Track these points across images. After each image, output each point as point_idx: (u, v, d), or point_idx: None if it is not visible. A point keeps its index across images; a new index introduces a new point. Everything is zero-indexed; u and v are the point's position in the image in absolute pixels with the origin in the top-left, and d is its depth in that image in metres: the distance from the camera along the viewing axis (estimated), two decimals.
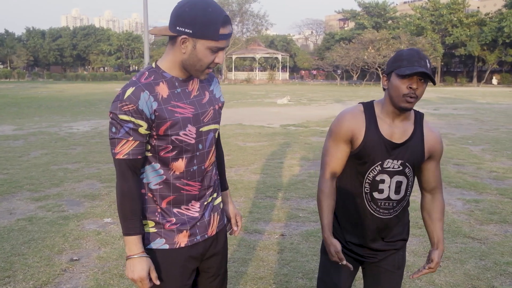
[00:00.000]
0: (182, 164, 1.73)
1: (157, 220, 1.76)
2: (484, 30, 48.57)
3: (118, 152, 1.64)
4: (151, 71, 1.70)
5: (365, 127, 1.91)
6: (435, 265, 2.02)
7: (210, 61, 1.65)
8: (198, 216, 1.81)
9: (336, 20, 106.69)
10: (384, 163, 1.90)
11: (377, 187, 1.93)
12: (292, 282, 3.48)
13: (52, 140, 10.25)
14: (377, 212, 1.96)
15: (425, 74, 1.78)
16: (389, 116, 1.91)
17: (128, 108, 1.60)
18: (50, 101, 22.48)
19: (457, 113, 17.53)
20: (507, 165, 7.80)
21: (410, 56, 1.80)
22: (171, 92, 1.69)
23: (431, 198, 2.08)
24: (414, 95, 1.81)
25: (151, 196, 1.75)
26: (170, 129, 1.66)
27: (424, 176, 2.04)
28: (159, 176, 1.74)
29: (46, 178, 6.65)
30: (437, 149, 1.99)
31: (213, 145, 1.83)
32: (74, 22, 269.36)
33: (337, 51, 50.06)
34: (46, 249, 4.06)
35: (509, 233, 4.56)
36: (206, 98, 1.80)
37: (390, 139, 1.90)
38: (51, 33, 73.94)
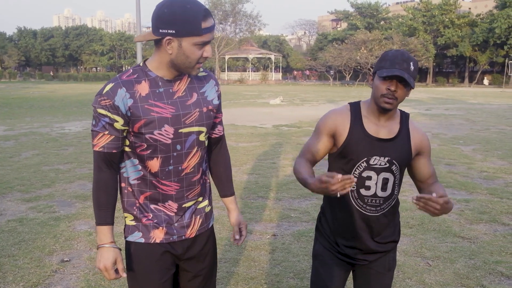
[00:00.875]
0: (156, 163, 1.74)
1: (135, 214, 1.80)
2: (475, 31, 48.91)
3: (95, 144, 1.70)
4: (137, 69, 1.72)
5: (349, 124, 1.94)
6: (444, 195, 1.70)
7: (198, 56, 1.65)
8: (173, 215, 1.81)
9: (329, 21, 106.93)
10: (370, 160, 1.91)
11: (363, 184, 1.93)
12: (283, 282, 3.49)
13: (44, 140, 10.19)
14: (364, 209, 1.96)
15: (400, 78, 1.78)
16: (375, 114, 1.94)
17: (105, 103, 1.64)
18: (41, 101, 22.35)
19: (448, 113, 17.64)
20: (498, 165, 7.86)
21: (393, 58, 1.81)
22: (152, 91, 1.69)
23: (428, 185, 2.03)
24: (392, 97, 1.82)
25: (130, 190, 1.79)
26: (144, 128, 1.67)
27: (419, 173, 2.05)
28: (137, 171, 1.77)
29: (37, 178, 6.61)
30: (424, 146, 2.02)
31: (195, 147, 1.80)
32: (66, 22, 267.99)
33: (330, 51, 50.19)
34: (37, 250, 4.04)
35: (498, 232, 4.60)
36: (192, 99, 1.78)
37: (375, 135, 1.92)
38: (43, 33, 73.47)
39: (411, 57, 1.83)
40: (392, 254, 2.11)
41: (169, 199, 1.79)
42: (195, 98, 1.79)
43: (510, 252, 4.07)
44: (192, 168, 1.81)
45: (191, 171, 1.80)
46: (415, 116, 16.13)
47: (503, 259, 3.92)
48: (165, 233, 1.81)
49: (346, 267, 2.08)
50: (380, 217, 1.99)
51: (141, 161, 1.75)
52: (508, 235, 4.49)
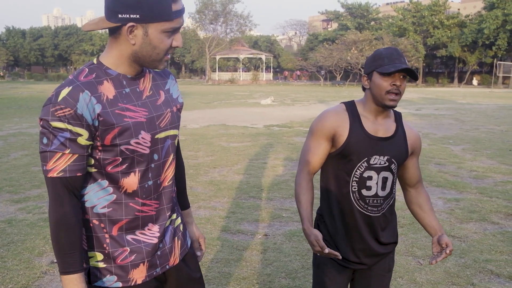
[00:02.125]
0: (135, 179, 1.43)
1: (106, 251, 1.45)
2: (464, 31, 49.31)
3: (51, 169, 1.31)
4: (92, 68, 1.39)
5: (349, 124, 1.91)
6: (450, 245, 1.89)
7: (168, 46, 1.38)
8: (156, 242, 1.51)
9: (319, 21, 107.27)
10: (370, 159, 1.90)
11: (365, 184, 1.92)
12: (275, 282, 3.49)
13: (33, 141, 10.10)
14: (365, 210, 1.94)
15: (408, 70, 1.81)
16: (372, 114, 1.93)
17: (63, 113, 1.28)
18: (31, 101, 22.15)
19: (438, 113, 17.77)
20: (487, 164, 7.93)
21: (389, 54, 1.82)
22: (118, 92, 1.39)
23: (416, 191, 2.10)
24: (397, 91, 1.83)
25: (97, 223, 1.43)
26: (118, 138, 1.36)
27: (408, 173, 2.06)
28: (107, 195, 1.42)
29: (27, 179, 6.55)
30: (417, 146, 2.04)
31: (171, 154, 1.54)
32: (56, 22, 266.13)
33: (321, 51, 50.31)
34: (26, 251, 4.00)
35: (488, 231, 4.63)
36: (161, 98, 1.52)
37: (375, 134, 1.91)
38: (31, 33, 72.87)
39: (401, 53, 1.88)
40: (392, 255, 2.10)
41: (149, 222, 1.49)
42: (163, 97, 1.53)
43: (499, 250, 4.11)
44: (170, 181, 1.55)
45: (168, 184, 1.54)
46: (406, 116, 16.21)
47: (493, 257, 3.95)
48: (147, 269, 1.51)
49: (348, 273, 2.05)
50: (381, 217, 1.98)
51: (112, 181, 1.41)
52: (498, 234, 4.53)
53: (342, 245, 2.00)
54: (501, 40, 46.57)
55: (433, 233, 2.01)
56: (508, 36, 46.41)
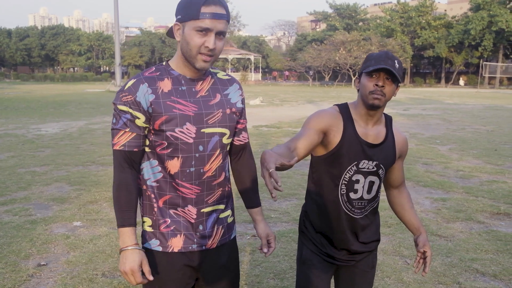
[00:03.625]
0: (177, 163, 1.67)
1: (154, 219, 1.72)
2: (451, 32, 49.82)
3: (115, 143, 1.64)
4: (159, 67, 1.69)
5: (343, 126, 1.92)
6: (428, 249, 2.03)
7: (198, 44, 1.57)
8: (193, 222, 1.73)
9: (308, 22, 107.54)
10: (359, 164, 1.93)
11: (352, 187, 1.95)
12: (263, 282, 3.50)
13: (19, 142, 9.99)
14: (352, 212, 1.98)
15: (389, 71, 1.82)
16: (363, 118, 1.94)
17: (127, 99, 1.60)
18: (17, 102, 21.90)
19: (425, 113, 17.93)
20: (473, 164, 8.02)
21: (378, 57, 1.86)
22: (175, 88, 1.65)
23: (398, 192, 2.16)
24: (380, 93, 1.84)
25: (149, 194, 1.72)
26: (165, 124, 1.62)
27: (393, 176, 2.11)
28: (157, 173, 1.70)
29: (13, 181, 6.48)
30: (405, 151, 2.09)
31: (218, 149, 1.73)
32: (42, 22, 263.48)
33: (309, 52, 50.47)
34: (12, 254, 3.96)
35: (474, 230, 4.69)
36: (215, 100, 1.73)
37: (366, 140, 1.93)
38: (17, 33, 72.00)
39: (395, 56, 1.88)
40: (375, 252, 2.15)
41: (189, 204, 1.71)
42: (218, 98, 1.74)
43: (485, 249, 4.16)
44: (214, 172, 1.73)
45: (212, 174, 1.73)
46: (393, 116, 16.32)
47: (478, 256, 4.00)
48: (184, 241, 1.73)
49: (331, 269, 2.09)
50: (363, 218, 2.02)
51: (160, 162, 1.68)
52: (483, 233, 4.58)
53: (326, 242, 2.05)
54: (486, 41, 47.14)
55: (414, 231, 2.12)
56: (493, 37, 47.00)
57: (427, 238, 2.09)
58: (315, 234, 2.06)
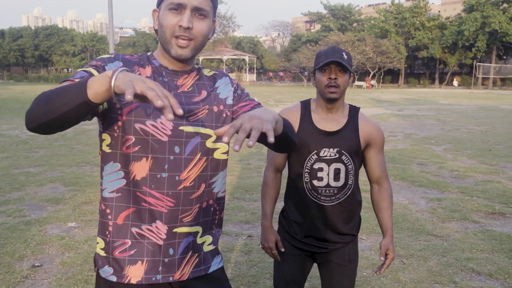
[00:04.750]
0: (146, 166, 1.35)
1: (107, 240, 1.40)
2: (445, 33, 50.04)
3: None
4: (141, 56, 1.46)
5: (299, 119, 2.07)
6: (389, 252, 2.09)
7: (171, 24, 1.33)
8: (161, 244, 1.39)
9: (302, 22, 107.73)
10: (320, 152, 2.03)
11: (316, 175, 2.05)
12: (260, 283, 3.49)
13: (13, 143, 9.93)
14: (318, 200, 2.06)
15: (339, 63, 1.94)
16: (323, 109, 2.07)
17: (95, 63, 1.34)
18: (10, 102, 21.79)
19: (420, 113, 17.99)
20: (467, 164, 8.05)
21: (326, 53, 1.99)
22: (155, 76, 1.40)
23: (378, 188, 2.18)
24: (335, 84, 1.96)
25: (104, 208, 1.41)
26: (134, 113, 1.33)
27: (368, 166, 2.15)
28: (118, 180, 1.38)
29: (7, 182, 6.43)
30: (375, 138, 2.09)
31: (198, 154, 1.41)
32: (36, 22, 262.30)
33: (304, 53, 50.52)
34: (6, 255, 3.92)
35: (469, 230, 4.70)
36: (201, 96, 1.46)
37: (323, 128, 2.05)
38: (11, 33, 71.64)
39: (342, 49, 2.01)
40: (352, 246, 2.16)
41: (158, 219, 1.38)
42: (204, 95, 1.46)
43: (480, 249, 4.17)
44: (192, 182, 1.40)
45: (190, 185, 1.40)
46: (388, 117, 16.40)
47: (474, 255, 4.01)
48: (146, 270, 1.40)
49: (305, 258, 2.16)
50: (335, 206, 2.06)
51: (124, 165, 1.36)
52: (479, 233, 4.60)
53: (297, 229, 2.13)
54: (480, 42, 47.38)
55: (382, 232, 2.17)
56: (487, 38, 47.25)
57: (391, 242, 2.11)
58: (288, 223, 2.16)
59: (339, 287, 2.13)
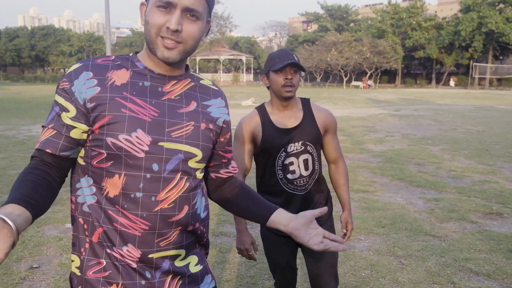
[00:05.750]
0: (118, 183, 1.22)
1: (82, 258, 1.28)
2: (441, 33, 50.21)
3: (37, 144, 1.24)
4: (121, 57, 1.31)
5: (261, 124, 2.23)
6: (349, 224, 2.36)
7: (158, 23, 1.20)
8: (135, 267, 1.26)
9: (299, 22, 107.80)
10: (287, 148, 2.20)
11: (288, 170, 2.23)
12: (258, 283, 3.49)
13: (10, 144, 9.91)
14: (295, 191, 2.25)
15: (294, 64, 2.11)
16: (279, 109, 2.23)
17: (63, 86, 1.23)
18: (7, 103, 21.73)
19: (417, 114, 18.03)
20: (465, 164, 8.07)
21: (280, 54, 2.15)
22: (132, 82, 1.25)
23: (335, 167, 2.40)
24: (290, 84, 2.12)
25: (81, 223, 1.28)
26: (107, 128, 1.20)
27: (325, 149, 2.36)
28: (91, 195, 1.26)
29: (4, 183, 6.41)
30: (329, 123, 2.30)
31: (179, 173, 1.27)
32: (32, 22, 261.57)
33: (301, 53, 50.60)
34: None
35: (467, 230, 4.71)
36: (188, 108, 1.30)
37: (284, 127, 2.21)
38: (7, 33, 71.48)
39: (292, 52, 2.20)
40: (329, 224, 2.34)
41: (130, 242, 1.24)
42: (192, 107, 1.31)
43: (478, 249, 4.18)
44: (172, 203, 1.26)
45: (169, 206, 1.25)
46: (385, 117, 16.43)
47: (472, 256, 4.02)
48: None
49: (290, 242, 2.29)
50: (308, 193, 2.28)
51: (95, 180, 1.24)
52: (476, 233, 4.61)
53: None
54: (476, 42, 47.56)
55: (342, 207, 2.42)
56: (483, 38, 47.42)
57: (350, 215, 2.38)
58: None
59: (323, 263, 2.31)
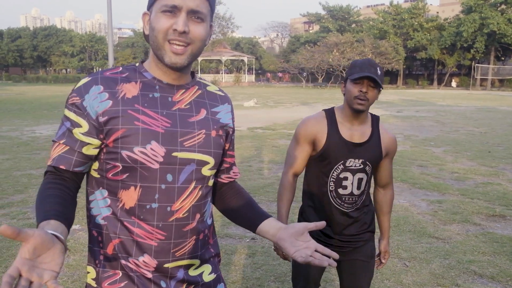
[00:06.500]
0: (134, 195, 1.24)
1: (97, 270, 1.30)
2: (443, 34, 50.16)
3: (48, 159, 1.25)
4: (128, 68, 1.31)
5: (327, 130, 2.12)
6: (386, 254, 2.33)
7: (164, 27, 1.19)
8: (150, 277, 1.28)
9: (301, 23, 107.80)
10: (346, 162, 2.10)
11: (341, 184, 2.13)
12: (264, 285, 3.52)
13: (14, 144, 9.94)
14: (342, 207, 2.15)
15: (372, 79, 2.00)
16: (348, 119, 2.12)
17: (73, 101, 1.23)
18: (9, 103, 21.78)
19: (419, 115, 18.04)
20: (467, 166, 8.09)
21: (362, 64, 2.03)
22: (143, 94, 1.25)
23: (384, 192, 2.32)
24: (364, 98, 2.02)
25: (96, 235, 1.30)
26: (121, 141, 1.20)
27: (379, 173, 2.27)
28: (106, 207, 1.28)
29: (9, 184, 6.45)
30: (393, 148, 2.23)
31: (193, 182, 1.29)
32: (34, 22, 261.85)
33: (303, 53, 50.60)
34: (12, 258, 3.95)
35: (470, 232, 4.74)
36: (198, 116, 1.32)
37: (350, 140, 2.10)
38: (9, 33, 71.63)
39: (377, 64, 2.06)
40: (371, 243, 2.28)
41: (146, 253, 1.26)
42: (202, 115, 1.33)
43: (482, 251, 4.21)
44: (186, 213, 1.28)
45: (183, 216, 1.28)
46: (387, 118, 16.43)
47: (476, 258, 4.05)
48: None
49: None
50: (354, 211, 2.19)
51: (111, 192, 1.26)
52: (480, 235, 4.63)
53: (319, 233, 2.21)
54: (478, 43, 47.50)
55: (381, 234, 2.37)
56: (485, 39, 47.37)
57: (388, 244, 2.34)
58: None
59: (363, 281, 2.26)
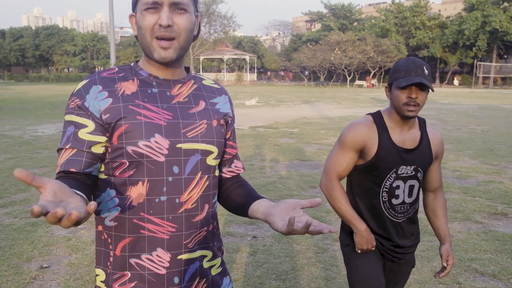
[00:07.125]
0: (142, 190, 1.24)
1: (108, 271, 1.29)
2: (445, 32, 50.07)
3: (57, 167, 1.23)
4: (124, 68, 1.33)
5: (378, 137, 1.96)
6: (449, 259, 2.14)
7: (150, 23, 1.22)
8: (164, 273, 1.27)
9: (303, 22, 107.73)
10: (398, 170, 1.97)
11: (394, 194, 2.00)
12: (265, 283, 3.52)
13: (16, 144, 9.97)
14: (395, 217, 2.03)
15: (420, 84, 1.86)
16: (398, 124, 1.99)
17: (74, 104, 1.23)
18: (12, 103, 21.83)
19: (421, 113, 18.01)
20: (469, 164, 8.09)
21: (406, 66, 1.88)
22: (141, 90, 1.27)
23: (434, 196, 2.19)
24: (414, 103, 1.88)
25: (105, 237, 1.30)
26: (125, 137, 1.21)
27: (429, 177, 2.14)
28: (114, 208, 1.26)
29: (12, 183, 6.47)
30: (441, 150, 2.12)
31: (199, 172, 1.29)
32: (36, 22, 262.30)
33: (304, 52, 50.60)
34: (14, 257, 3.97)
35: (472, 230, 4.74)
36: (198, 107, 1.33)
37: (402, 146, 1.98)
38: (11, 33, 71.79)
39: (423, 62, 1.91)
40: (413, 253, 2.23)
41: (159, 247, 1.26)
42: (202, 106, 1.34)
43: (483, 249, 4.21)
44: (195, 203, 1.29)
45: (192, 207, 1.29)
46: None
47: (477, 256, 4.05)
48: None
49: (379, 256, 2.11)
50: (406, 221, 2.08)
51: (119, 192, 1.25)
52: (481, 233, 4.63)
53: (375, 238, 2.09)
54: (481, 41, 47.41)
55: (439, 239, 2.20)
56: (487, 37, 47.27)
57: (451, 248, 2.17)
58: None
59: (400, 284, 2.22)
